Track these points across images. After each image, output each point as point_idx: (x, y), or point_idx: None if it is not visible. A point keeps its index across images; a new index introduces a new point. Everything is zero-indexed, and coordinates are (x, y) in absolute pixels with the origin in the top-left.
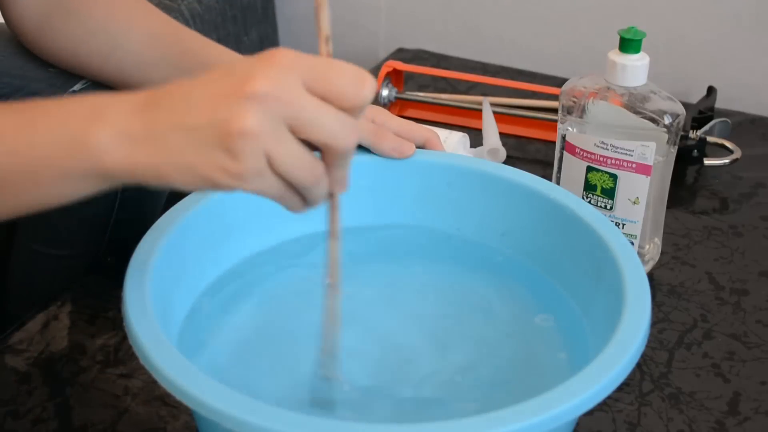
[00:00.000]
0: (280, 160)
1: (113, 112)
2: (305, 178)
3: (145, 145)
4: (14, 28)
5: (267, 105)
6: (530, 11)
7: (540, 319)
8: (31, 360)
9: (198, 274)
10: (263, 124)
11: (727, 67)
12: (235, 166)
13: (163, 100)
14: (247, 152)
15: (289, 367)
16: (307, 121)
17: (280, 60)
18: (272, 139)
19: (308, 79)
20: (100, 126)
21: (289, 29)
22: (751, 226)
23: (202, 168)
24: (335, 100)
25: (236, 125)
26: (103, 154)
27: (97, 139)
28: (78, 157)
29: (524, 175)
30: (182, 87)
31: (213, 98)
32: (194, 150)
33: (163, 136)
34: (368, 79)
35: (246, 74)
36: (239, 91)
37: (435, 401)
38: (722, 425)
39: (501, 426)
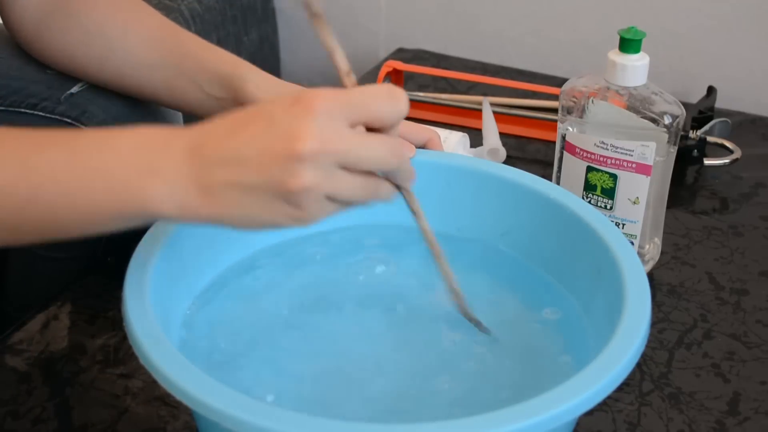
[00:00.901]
0: (339, 196)
1: (166, 168)
2: (366, 199)
3: (203, 198)
4: (13, 29)
5: (317, 159)
6: (530, 11)
7: (540, 319)
8: (31, 360)
9: (198, 273)
10: (317, 177)
11: (727, 67)
12: (299, 214)
13: (210, 155)
14: (309, 203)
15: (289, 365)
16: (357, 160)
17: (319, 108)
18: (328, 185)
19: (348, 115)
20: (156, 182)
21: (289, 29)
22: (751, 226)
23: (267, 217)
24: (377, 124)
25: (294, 185)
26: (162, 208)
27: (154, 195)
28: (130, 205)
29: (524, 175)
30: (227, 139)
31: (264, 156)
32: (257, 203)
33: (221, 192)
34: (401, 94)
35: (290, 130)
36: (289, 151)
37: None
38: (722, 425)
39: (501, 426)
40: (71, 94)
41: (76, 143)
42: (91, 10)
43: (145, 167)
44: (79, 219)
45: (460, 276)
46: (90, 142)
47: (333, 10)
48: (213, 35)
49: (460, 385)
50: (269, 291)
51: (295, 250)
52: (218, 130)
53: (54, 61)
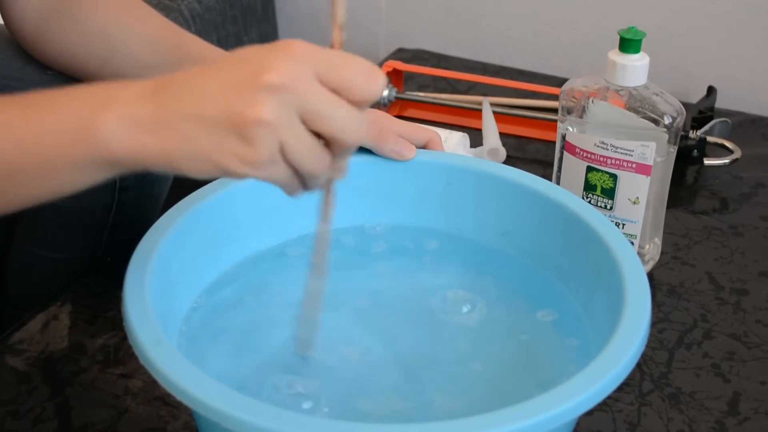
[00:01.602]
0: (292, 149)
1: (120, 100)
2: (314, 168)
3: (154, 131)
4: (13, 30)
5: (282, 96)
6: (530, 11)
7: (540, 319)
8: (31, 360)
9: (198, 273)
10: (279, 113)
11: (727, 67)
12: (250, 154)
13: (172, 88)
14: (262, 140)
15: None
16: (320, 114)
17: (295, 51)
18: (286, 129)
19: (322, 72)
20: (107, 113)
21: (289, 29)
22: (751, 226)
23: (216, 155)
24: (346, 93)
25: (253, 114)
26: (111, 140)
27: (105, 126)
28: (85, 144)
29: (524, 175)
30: (192, 75)
31: (227, 87)
32: (208, 138)
33: (175, 124)
34: (380, 74)
35: (261, 64)
36: (255, 81)
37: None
38: (722, 425)
39: (501, 426)
40: None
41: (37, 96)
42: (92, 10)
43: (97, 101)
44: (34, 170)
45: (459, 276)
46: (50, 93)
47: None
48: (213, 35)
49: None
50: (269, 290)
51: (295, 251)
52: (186, 71)
53: (55, 61)
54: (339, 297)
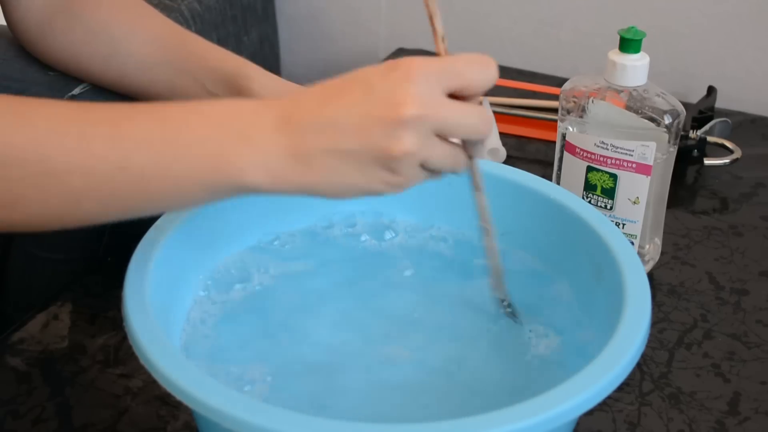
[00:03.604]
0: (432, 162)
1: (256, 132)
2: (453, 168)
3: (297, 167)
4: (16, 30)
5: (419, 125)
6: (530, 11)
7: (539, 319)
8: (31, 360)
9: (198, 273)
10: (418, 142)
11: (727, 67)
12: (396, 180)
13: (306, 121)
14: (406, 168)
15: (289, 364)
16: (452, 126)
17: (416, 74)
18: (425, 151)
19: (444, 83)
20: (245, 147)
21: (289, 29)
22: (751, 226)
23: (363, 184)
24: (469, 91)
25: (396, 149)
26: (249, 174)
27: (244, 162)
28: (223, 174)
29: (524, 175)
30: (321, 105)
31: (364, 122)
32: (353, 170)
33: (319, 160)
34: (491, 61)
35: (392, 96)
36: (391, 116)
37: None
38: (722, 425)
39: (501, 426)
40: (73, 96)
41: (166, 112)
42: (96, 10)
43: (237, 134)
44: (169, 189)
45: (459, 276)
46: (180, 110)
47: (333, 10)
48: (213, 35)
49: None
50: (270, 289)
51: (295, 246)
52: (310, 99)
53: (57, 61)
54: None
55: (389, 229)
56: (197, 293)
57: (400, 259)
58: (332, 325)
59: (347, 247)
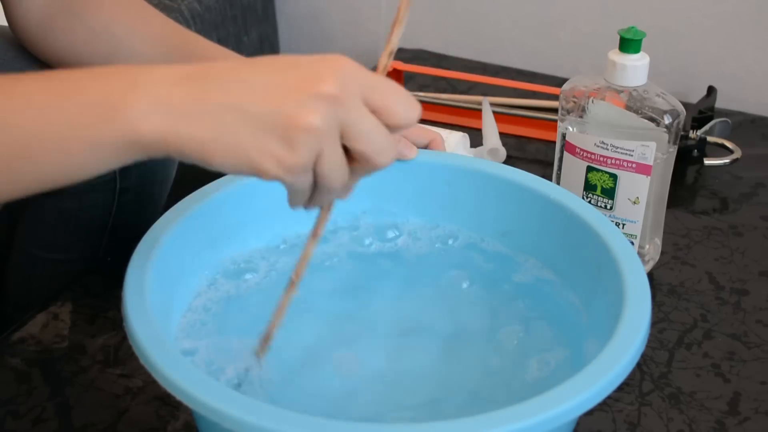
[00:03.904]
0: (327, 160)
1: (151, 82)
2: (336, 183)
3: (191, 119)
4: (17, 29)
5: (332, 107)
6: (530, 11)
7: (540, 319)
8: (31, 360)
9: (198, 273)
10: (326, 123)
11: (727, 67)
12: (290, 158)
13: (213, 78)
14: (305, 147)
15: (288, 365)
16: (360, 132)
17: (345, 67)
18: (328, 140)
19: (367, 93)
20: (138, 94)
21: (289, 29)
22: (751, 226)
23: (254, 152)
24: (386, 117)
25: (303, 119)
26: (140, 123)
27: (135, 108)
28: (112, 124)
29: (524, 175)
30: (236, 68)
31: (279, 87)
32: (250, 134)
33: (216, 114)
34: (416, 105)
35: (316, 73)
36: (309, 87)
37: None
38: (722, 425)
39: (501, 426)
40: None
41: (60, 73)
42: (97, 9)
43: (129, 82)
44: (52, 147)
45: (459, 275)
46: (71, 71)
47: (333, 10)
48: (213, 35)
49: (457, 383)
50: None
51: (295, 250)
52: (224, 63)
53: (59, 60)
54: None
55: (393, 228)
56: (197, 293)
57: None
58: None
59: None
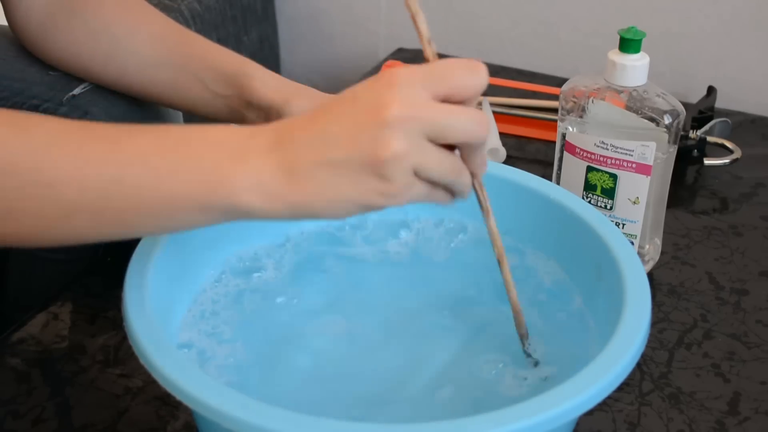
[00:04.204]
0: (426, 169)
1: (252, 153)
2: (450, 177)
3: (290, 184)
4: (17, 28)
5: (405, 126)
6: (530, 11)
7: (539, 319)
8: (31, 360)
9: (198, 273)
10: (407, 144)
11: (727, 67)
12: (389, 188)
13: (297, 138)
14: (398, 173)
15: (289, 365)
16: (443, 129)
17: (400, 79)
18: (417, 155)
19: (430, 87)
20: (241, 167)
21: (288, 29)
22: (751, 226)
23: (356, 196)
24: (458, 96)
25: (384, 152)
26: (245, 195)
27: (240, 182)
28: (219, 195)
29: (524, 175)
30: (311, 122)
31: (351, 129)
32: (346, 182)
33: (309, 174)
34: (480, 65)
35: (376, 102)
36: (376, 120)
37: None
38: (722, 425)
39: (501, 426)
40: (73, 95)
41: (166, 131)
42: (98, 9)
43: (232, 154)
44: (162, 206)
45: (459, 276)
46: (179, 129)
47: (333, 10)
48: (213, 35)
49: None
50: (269, 289)
51: (295, 248)
52: (301, 118)
53: (59, 60)
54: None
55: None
56: (197, 293)
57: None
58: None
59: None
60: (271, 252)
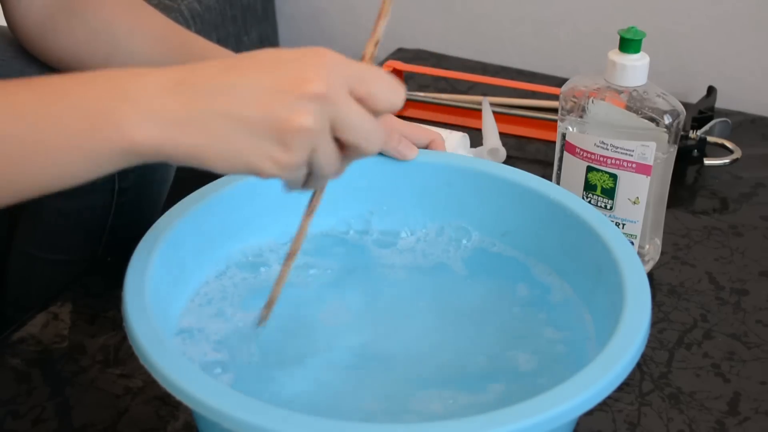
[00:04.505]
0: (320, 155)
1: (143, 92)
2: (329, 172)
3: (185, 127)
4: (16, 28)
5: (322, 105)
6: (530, 11)
7: (540, 319)
8: (31, 360)
9: (198, 273)
10: (317, 122)
11: (727, 67)
12: (285, 158)
13: (202, 84)
14: (299, 146)
15: (289, 362)
16: (349, 124)
17: (329, 61)
18: (321, 137)
19: (352, 83)
20: (130, 105)
21: (289, 29)
22: (751, 226)
23: (250, 155)
24: (372, 104)
25: (296, 122)
26: (135, 133)
27: (128, 119)
28: (105, 135)
29: (524, 175)
30: (222, 72)
31: (268, 91)
32: (245, 138)
33: (209, 121)
34: (401, 88)
35: (301, 72)
36: (298, 89)
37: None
38: (722, 425)
39: (501, 426)
40: None
41: (47, 80)
42: (97, 8)
43: (119, 95)
44: (50, 157)
45: (459, 276)
46: (61, 79)
47: (333, 10)
48: (213, 35)
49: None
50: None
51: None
52: (211, 67)
53: (59, 60)
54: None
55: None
56: (197, 293)
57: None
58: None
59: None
60: (275, 248)
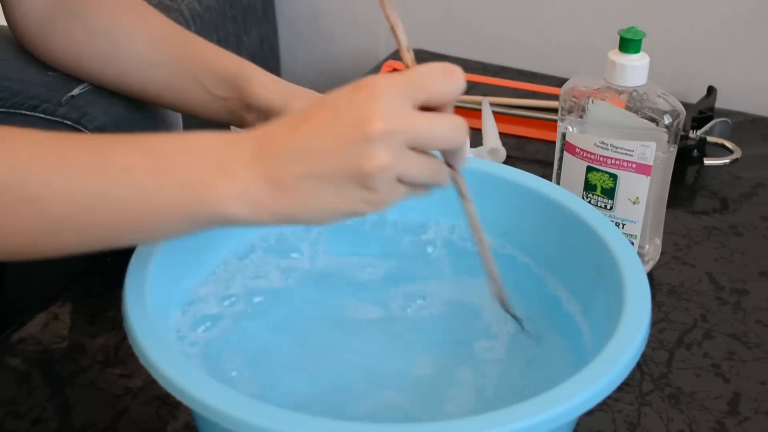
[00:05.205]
0: (408, 176)
1: (233, 164)
2: (431, 179)
3: (274, 195)
4: (16, 29)
5: (389, 139)
6: (530, 11)
7: (540, 319)
8: (31, 360)
9: (198, 273)
10: (390, 156)
11: (727, 67)
12: (375, 197)
13: (280, 149)
14: (382, 183)
15: (289, 363)
16: (424, 139)
17: (382, 91)
18: (400, 165)
19: (409, 95)
20: (227, 179)
21: (289, 29)
22: (751, 226)
23: (342, 206)
24: (436, 101)
25: (369, 166)
26: (230, 206)
27: (224, 193)
28: (205, 207)
29: (524, 175)
30: (294, 132)
31: (335, 143)
32: (331, 192)
33: (294, 186)
34: (456, 70)
35: (358, 116)
36: (360, 134)
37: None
38: (722, 425)
39: (501, 426)
40: (72, 96)
41: (148, 143)
42: (97, 9)
43: (216, 166)
44: (149, 220)
45: (459, 276)
46: (162, 141)
47: (333, 10)
48: (213, 35)
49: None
50: (271, 288)
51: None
52: (282, 127)
53: (58, 61)
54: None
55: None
56: (197, 293)
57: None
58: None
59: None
60: (272, 248)
